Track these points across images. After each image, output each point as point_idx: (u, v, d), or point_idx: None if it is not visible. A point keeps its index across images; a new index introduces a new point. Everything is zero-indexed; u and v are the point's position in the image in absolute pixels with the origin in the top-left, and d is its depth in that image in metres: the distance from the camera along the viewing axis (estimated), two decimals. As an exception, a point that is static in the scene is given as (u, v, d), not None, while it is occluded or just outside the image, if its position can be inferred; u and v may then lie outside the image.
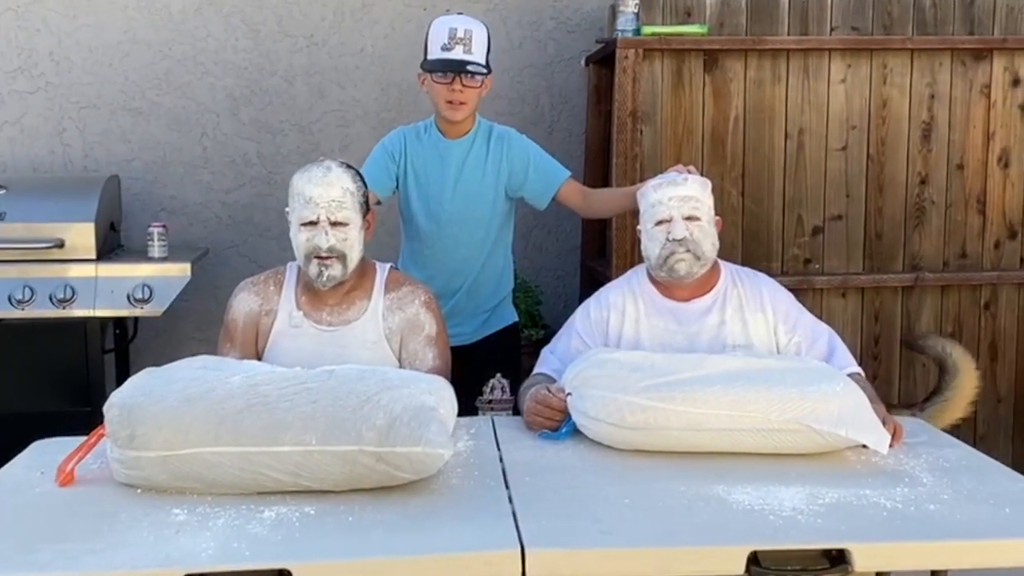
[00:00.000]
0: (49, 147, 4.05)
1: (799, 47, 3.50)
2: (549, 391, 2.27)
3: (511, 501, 1.85)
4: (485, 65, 2.82)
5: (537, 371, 2.53)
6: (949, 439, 2.29)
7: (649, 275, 2.54)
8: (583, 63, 4.04)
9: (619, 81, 3.40)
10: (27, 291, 3.40)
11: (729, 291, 2.50)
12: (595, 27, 4.11)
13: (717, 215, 2.51)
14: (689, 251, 2.39)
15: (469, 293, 2.97)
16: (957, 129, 3.60)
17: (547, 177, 2.95)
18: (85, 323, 3.49)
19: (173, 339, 4.11)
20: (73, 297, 3.43)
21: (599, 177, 3.87)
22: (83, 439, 2.03)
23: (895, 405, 2.97)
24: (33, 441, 2.24)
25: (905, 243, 3.62)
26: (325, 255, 2.32)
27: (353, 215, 2.35)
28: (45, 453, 2.12)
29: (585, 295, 2.73)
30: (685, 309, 2.49)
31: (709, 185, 2.50)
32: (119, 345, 3.83)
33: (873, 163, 3.58)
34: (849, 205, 3.58)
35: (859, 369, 2.45)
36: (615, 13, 3.52)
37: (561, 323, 2.66)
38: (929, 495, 1.89)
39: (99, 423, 1.97)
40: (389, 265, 2.53)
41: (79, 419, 3.18)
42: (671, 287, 2.49)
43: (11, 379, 3.49)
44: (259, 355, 2.43)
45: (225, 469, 1.85)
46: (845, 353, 2.46)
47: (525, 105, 4.18)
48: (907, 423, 2.30)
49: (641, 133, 3.43)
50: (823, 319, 2.61)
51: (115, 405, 1.92)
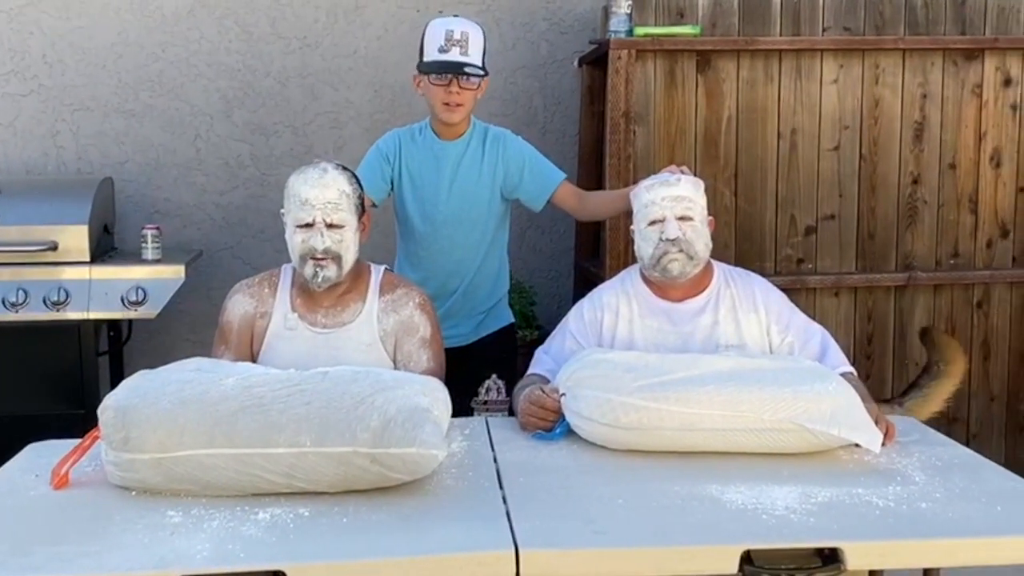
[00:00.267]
0: (42, 149, 4.04)
1: (791, 47, 3.52)
2: (543, 392, 2.27)
3: (505, 501, 1.85)
4: (482, 67, 2.82)
5: (531, 372, 2.53)
6: (941, 438, 2.30)
7: (643, 275, 2.54)
8: (576, 64, 4.05)
9: (612, 82, 3.41)
10: (21, 294, 3.40)
11: (722, 291, 2.51)
12: (588, 28, 4.12)
13: (710, 215, 2.52)
14: (682, 251, 2.40)
15: (465, 294, 2.97)
16: (949, 129, 3.62)
17: (542, 179, 2.96)
18: (79, 325, 3.48)
19: (167, 341, 4.11)
20: (67, 300, 3.42)
21: (593, 178, 3.87)
22: (77, 442, 2.02)
23: (878, 401, 3.00)
24: (28, 444, 2.24)
25: (898, 242, 3.63)
26: (320, 256, 2.32)
27: (349, 217, 2.35)
28: (40, 456, 2.12)
29: (579, 296, 2.74)
30: (678, 309, 2.50)
31: (702, 185, 2.51)
32: (113, 347, 3.83)
33: (865, 163, 3.59)
34: (842, 205, 3.60)
35: (851, 368, 2.46)
36: (608, 14, 3.53)
37: (555, 324, 2.66)
38: (921, 493, 1.90)
39: (93, 425, 1.97)
40: (384, 267, 2.53)
41: (73, 421, 3.20)
42: (664, 287, 2.50)
43: (5, 382, 3.48)
44: (254, 357, 2.44)
45: (219, 471, 1.85)
46: (837, 352, 2.47)
47: (518, 106, 4.19)
48: (899, 422, 2.32)
49: (634, 134, 3.44)
50: (816, 319, 2.62)
51: (109, 408, 1.92)
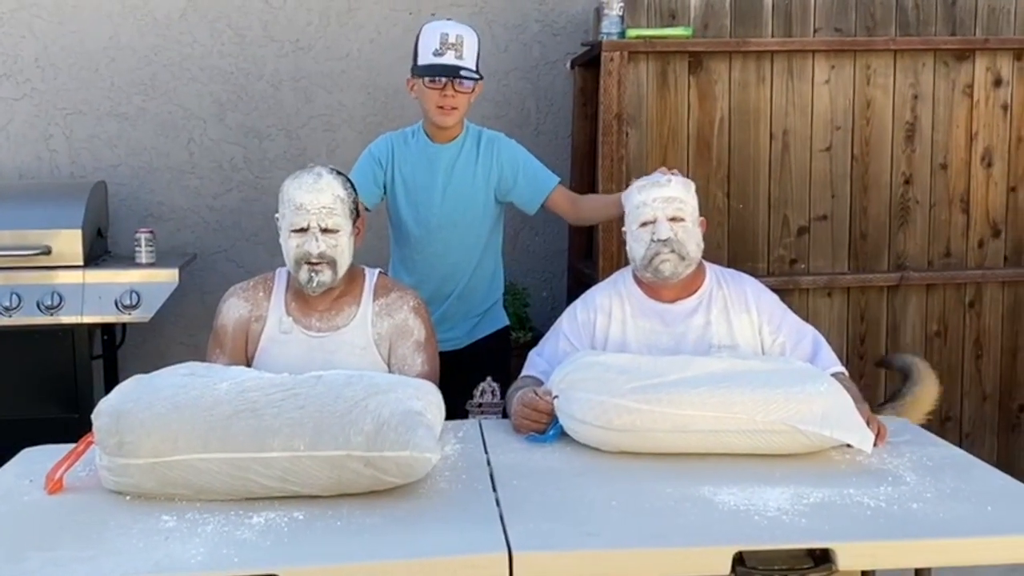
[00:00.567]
0: (35, 153, 4.04)
1: (783, 48, 3.52)
2: (536, 394, 2.28)
3: (498, 504, 1.86)
4: (476, 71, 2.82)
5: (525, 374, 2.54)
6: (932, 438, 2.30)
7: (635, 277, 2.55)
8: (568, 66, 4.05)
9: (604, 84, 3.41)
10: (14, 298, 3.40)
11: (714, 292, 2.52)
12: (580, 30, 4.13)
13: (702, 216, 2.53)
14: (674, 251, 2.41)
15: (460, 298, 2.97)
16: (940, 129, 3.63)
17: (536, 183, 2.96)
18: (73, 330, 3.48)
19: (161, 345, 4.11)
20: (61, 304, 3.43)
21: (586, 179, 3.88)
22: (71, 446, 2.03)
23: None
24: (22, 448, 2.24)
25: (890, 242, 3.64)
26: (316, 261, 2.33)
27: (343, 221, 2.36)
28: (34, 461, 2.12)
29: (573, 297, 2.75)
30: (671, 310, 2.51)
31: (693, 186, 2.52)
32: (107, 351, 3.83)
33: (857, 163, 3.60)
34: (834, 205, 3.61)
35: (843, 369, 2.47)
36: (600, 16, 3.54)
37: (549, 325, 2.67)
38: (912, 494, 1.91)
39: (88, 429, 1.98)
40: (378, 270, 2.54)
41: (68, 425, 3.18)
42: (657, 288, 2.51)
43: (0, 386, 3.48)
44: (249, 361, 2.44)
45: (214, 475, 1.85)
46: (829, 353, 2.48)
47: (511, 108, 4.20)
48: (891, 422, 2.32)
49: (627, 135, 3.45)
50: (809, 319, 2.64)
51: (103, 412, 1.92)
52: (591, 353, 2.34)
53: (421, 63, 2.81)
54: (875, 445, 2.12)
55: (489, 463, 2.10)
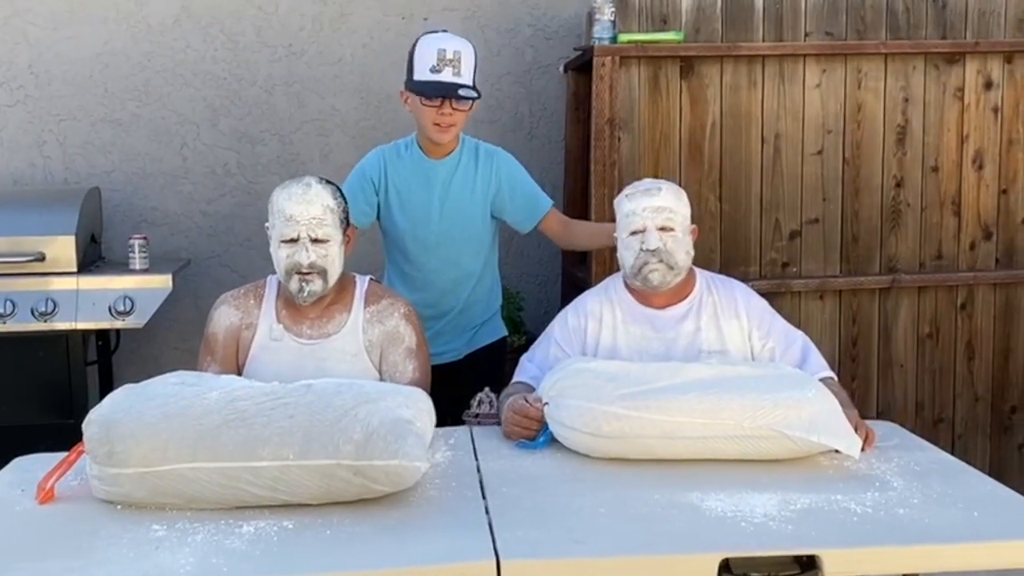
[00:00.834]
0: (29, 160, 4.05)
1: (774, 53, 3.53)
2: (526, 401, 2.29)
3: (488, 512, 1.87)
4: (474, 87, 2.74)
5: (516, 379, 2.55)
6: (920, 442, 2.31)
7: (626, 283, 2.56)
8: (561, 70, 4.06)
9: (596, 88, 3.42)
10: (8, 305, 3.40)
11: (704, 298, 2.53)
12: (573, 34, 4.14)
13: (693, 223, 2.54)
14: (662, 261, 2.42)
15: (462, 313, 2.95)
16: (931, 132, 3.63)
17: (533, 203, 2.94)
18: (67, 336, 3.49)
19: (155, 350, 4.11)
20: (55, 310, 3.43)
21: (579, 184, 3.89)
22: (63, 456, 2.04)
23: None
24: (17, 454, 2.25)
25: (881, 245, 3.65)
26: (306, 271, 2.34)
27: (333, 231, 2.36)
28: (26, 470, 2.13)
29: (567, 301, 2.75)
30: (661, 316, 2.52)
31: (684, 195, 2.53)
32: (101, 357, 3.83)
33: (849, 167, 3.61)
34: (825, 208, 3.62)
35: (832, 373, 2.48)
36: (592, 20, 3.54)
37: (543, 329, 2.68)
38: (899, 499, 1.92)
39: (82, 436, 1.98)
40: (368, 277, 2.55)
41: (63, 431, 3.21)
42: (647, 295, 2.52)
43: (-6, 392, 3.50)
44: (240, 369, 2.45)
45: (203, 484, 1.86)
46: (818, 358, 2.49)
47: (504, 112, 4.21)
48: (879, 427, 2.34)
49: (619, 140, 3.46)
50: (801, 322, 2.65)
51: (94, 422, 1.93)
52: (581, 360, 2.35)
53: (417, 79, 2.73)
54: (863, 450, 2.13)
55: (479, 470, 2.11)
